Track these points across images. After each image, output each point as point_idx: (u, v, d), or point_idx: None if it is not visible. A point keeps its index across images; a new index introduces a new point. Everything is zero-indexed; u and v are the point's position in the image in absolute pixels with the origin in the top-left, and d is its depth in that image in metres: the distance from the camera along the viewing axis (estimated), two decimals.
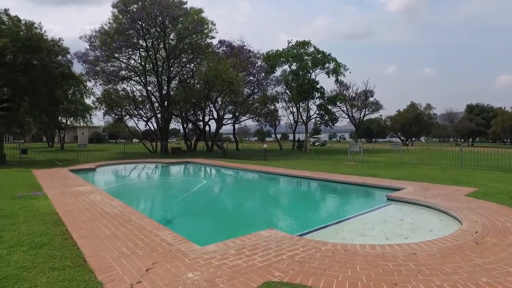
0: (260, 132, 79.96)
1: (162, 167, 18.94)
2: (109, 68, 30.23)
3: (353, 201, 10.05)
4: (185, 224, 7.18)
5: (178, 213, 8.38)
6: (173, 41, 30.27)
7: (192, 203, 9.55)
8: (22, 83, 18.47)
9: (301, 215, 8.17)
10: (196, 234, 6.02)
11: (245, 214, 8.36)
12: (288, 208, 9.20)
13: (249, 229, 5.96)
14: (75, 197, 8.18)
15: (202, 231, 6.59)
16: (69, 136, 66.16)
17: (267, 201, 10.36)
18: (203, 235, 6.19)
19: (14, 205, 7.29)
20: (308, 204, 9.78)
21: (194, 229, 6.73)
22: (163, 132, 30.27)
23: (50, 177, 12.18)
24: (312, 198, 11.00)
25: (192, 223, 7.36)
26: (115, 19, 27.68)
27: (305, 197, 11.22)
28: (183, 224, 7.10)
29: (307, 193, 11.85)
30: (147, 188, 12.86)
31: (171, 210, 8.60)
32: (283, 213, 8.47)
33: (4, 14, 20.35)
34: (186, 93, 29.02)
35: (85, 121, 44.32)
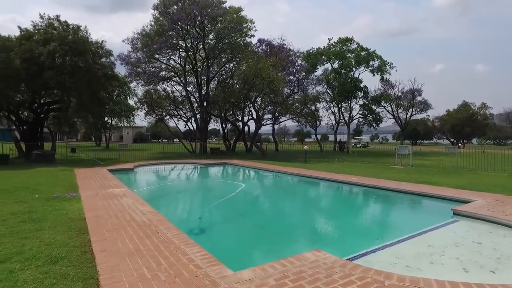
0: (300, 133, 78.49)
1: (199, 169, 18.61)
2: (150, 69, 30.74)
3: (411, 214, 8.65)
4: (218, 237, 6.45)
5: (211, 222, 7.72)
6: (212, 41, 30.15)
7: (228, 211, 8.82)
8: (68, 85, 19.02)
9: (350, 230, 7.12)
10: (229, 252, 5.31)
11: (286, 227, 7.39)
12: (335, 221, 8.08)
13: (292, 248, 5.17)
14: (107, 200, 7.83)
15: (236, 248, 5.81)
16: (115, 135, 69.25)
17: (310, 211, 9.26)
18: (238, 253, 5.46)
19: (47, 207, 7.05)
20: (358, 216, 8.65)
21: (227, 245, 5.98)
22: (202, 133, 30.22)
23: (88, 177, 12.16)
24: (362, 209, 9.73)
25: (225, 236, 6.59)
26: (156, 21, 28.05)
27: (354, 207, 10.02)
28: (215, 238, 6.39)
29: (355, 202, 10.67)
30: (182, 191, 12.37)
31: (204, 218, 7.95)
32: (329, 227, 7.49)
33: (56, 20, 21.20)
34: (225, 93, 28.71)
35: (129, 121, 45.80)
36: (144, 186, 12.82)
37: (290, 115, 36.93)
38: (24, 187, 9.58)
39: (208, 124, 33.06)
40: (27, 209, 6.86)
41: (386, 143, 72.64)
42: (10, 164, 17.96)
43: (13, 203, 7.49)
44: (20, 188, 9.49)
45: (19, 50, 18.17)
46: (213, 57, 29.96)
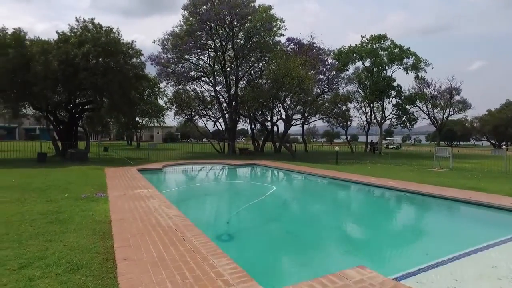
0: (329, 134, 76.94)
1: (228, 169, 18.35)
2: (180, 69, 30.99)
3: (464, 226, 7.63)
4: (247, 246, 6.01)
5: (240, 227, 7.33)
6: (241, 40, 29.94)
7: (258, 215, 8.38)
8: (100, 85, 19.40)
9: (395, 242, 6.41)
10: (260, 265, 4.87)
11: (322, 236, 6.78)
12: (376, 231, 7.27)
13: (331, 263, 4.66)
14: (134, 202, 7.64)
15: (269, 261, 5.34)
16: (146, 135, 70.93)
17: (347, 219, 8.54)
18: (270, 267, 5.02)
19: (75, 208, 6.95)
20: (401, 225, 7.87)
21: (258, 256, 5.51)
22: (231, 132, 30.08)
23: (117, 177, 12.18)
24: (404, 217, 8.82)
25: (256, 245, 6.12)
26: (186, 21, 28.20)
27: (395, 215, 9.16)
28: (245, 246, 5.97)
29: (396, 210, 9.78)
30: (209, 193, 12.04)
31: (232, 223, 7.55)
32: (371, 238, 6.77)
33: (90, 23, 21.74)
34: (254, 93, 28.38)
35: (159, 121, 46.57)
36: (172, 187, 12.65)
37: (320, 115, 36.02)
38: (56, 186, 9.66)
39: (237, 124, 32.88)
40: (55, 209, 6.78)
41: (419, 145, 69.55)
42: (48, 162, 18.56)
43: (44, 202, 7.47)
44: (52, 186, 9.57)
45: (56, 53, 18.72)
46: (242, 56, 29.76)
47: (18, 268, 3.87)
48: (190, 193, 11.77)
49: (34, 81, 18.19)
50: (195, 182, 15.23)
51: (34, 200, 7.67)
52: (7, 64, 17.65)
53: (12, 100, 19.87)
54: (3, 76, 17.71)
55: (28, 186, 9.58)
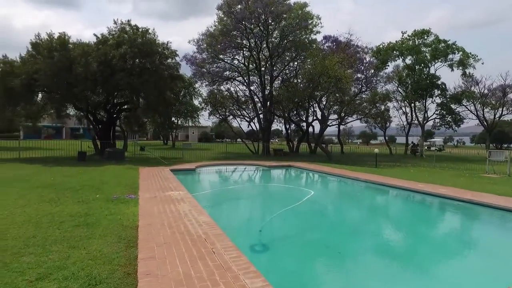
0: (365, 134, 74.33)
1: (262, 171, 17.82)
2: (214, 69, 30.99)
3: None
4: (283, 260, 5.43)
5: (275, 237, 6.75)
6: (276, 39, 29.38)
7: (295, 224, 7.74)
8: (136, 85, 19.67)
9: (470, 265, 5.47)
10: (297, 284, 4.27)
11: (371, 253, 5.91)
12: (434, 250, 6.09)
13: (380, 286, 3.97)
14: (164, 205, 7.32)
15: (306, 280, 4.72)
16: (182, 135, 72.43)
17: (397, 232, 7.54)
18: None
19: (104, 210, 6.73)
20: (465, 243, 6.73)
21: (294, 273, 4.91)
22: (265, 133, 29.61)
23: (150, 177, 12.06)
24: (466, 233, 7.59)
25: (292, 260, 5.48)
26: (220, 21, 28.11)
27: (453, 229, 7.88)
28: (279, 260, 5.39)
29: (455, 224, 8.40)
30: (242, 197, 11.46)
31: (266, 231, 6.98)
32: (427, 258, 5.70)
33: (127, 24, 22.19)
34: (289, 93, 27.69)
35: (194, 121, 47.15)
36: (204, 190, 12.30)
37: (357, 115, 34.58)
38: (90, 186, 9.63)
39: (271, 125, 32.34)
40: (85, 211, 6.60)
41: (463, 147, 65.18)
42: (87, 160, 19.09)
43: (75, 203, 7.36)
44: (86, 186, 9.55)
45: (95, 55, 19.22)
46: (277, 55, 29.20)
47: (36, 280, 3.58)
48: (222, 196, 11.32)
49: (75, 83, 18.78)
50: (228, 184, 14.81)
51: (66, 201, 7.59)
52: (52, 67, 18.34)
53: (57, 101, 20.68)
54: (49, 78, 18.41)
55: (64, 185, 9.63)
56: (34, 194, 8.30)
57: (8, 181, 10.52)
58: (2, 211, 6.65)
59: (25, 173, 12.63)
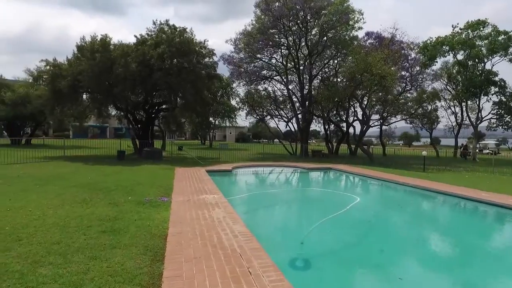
0: (407, 136, 70.69)
1: (301, 173, 16.96)
2: (252, 69, 30.52)
3: None
4: (329, 280, 4.67)
5: (318, 250, 5.95)
6: (315, 36, 28.32)
7: (340, 235, 6.91)
8: (174, 85, 19.64)
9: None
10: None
11: (433, 274, 5.02)
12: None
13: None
14: (197, 210, 6.81)
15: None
16: (219, 135, 73.08)
17: (473, 254, 6.18)
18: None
19: (134, 214, 6.33)
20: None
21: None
22: (304, 133, 28.67)
23: (185, 178, 11.71)
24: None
25: (339, 280, 4.72)
26: (258, 20, 27.56)
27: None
28: (325, 279, 4.63)
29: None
30: (281, 202, 10.69)
31: (308, 243, 6.19)
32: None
33: (165, 25, 22.33)
34: (329, 92, 26.52)
35: (231, 121, 47.16)
36: (240, 193, 11.63)
37: (402, 116, 32.55)
38: (124, 186, 9.40)
39: (310, 125, 31.28)
40: (114, 215, 6.23)
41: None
42: (126, 159, 19.35)
43: (106, 205, 7.06)
44: (120, 187, 9.33)
45: (134, 55, 19.44)
46: (316, 53, 28.11)
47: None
48: (259, 201, 10.58)
49: (115, 83, 19.10)
50: (265, 187, 14.00)
51: (98, 202, 7.32)
52: (94, 68, 18.77)
53: (98, 101, 21.23)
54: (91, 79, 18.87)
55: (99, 185, 9.49)
56: (69, 194, 8.16)
57: (50, 179, 10.63)
58: (36, 211, 6.49)
59: (66, 171, 12.83)
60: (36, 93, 26.27)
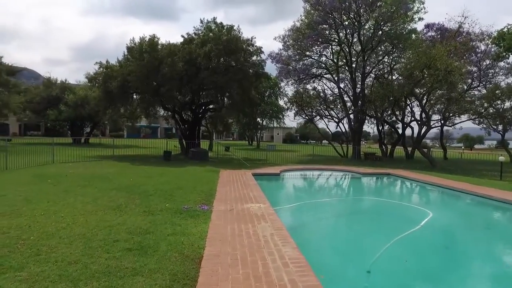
0: (468, 138, 64.55)
1: (356, 179, 15.33)
2: (301, 67, 29.18)
3: None
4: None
5: (391, 284, 4.68)
6: (369, 31, 26.30)
7: (417, 262, 5.50)
8: (220, 84, 19.07)
9: None
10: None
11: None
12: None
13: None
14: (240, 224, 5.84)
15: None
16: (267, 135, 72.49)
17: None
18: None
19: (167, 228, 5.52)
20: None
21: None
22: (356, 135, 26.76)
23: (230, 183, 10.87)
24: None
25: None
26: (307, 14, 26.21)
27: None
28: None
29: None
30: (337, 215, 9.07)
31: (377, 272, 4.92)
32: None
33: (212, 23, 21.95)
34: (385, 90, 24.37)
35: (278, 122, 46.16)
36: (289, 202, 10.37)
37: (469, 115, 29.15)
38: (163, 191, 8.75)
39: (363, 125, 29.18)
40: (146, 227, 5.47)
41: None
42: (172, 160, 19.17)
43: (140, 214, 6.36)
44: (159, 191, 8.69)
45: (181, 54, 19.21)
46: (370, 48, 26.07)
47: None
48: (312, 213, 9.07)
49: (162, 83, 18.99)
50: (317, 195, 12.40)
51: (132, 209, 6.67)
52: (142, 68, 18.84)
53: (146, 101, 21.38)
54: (139, 79, 18.96)
55: (138, 189, 8.96)
56: (106, 198, 7.67)
57: (93, 180, 10.40)
58: (68, 217, 5.98)
59: (111, 172, 12.67)
60: (93, 94, 27.45)
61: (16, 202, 7.13)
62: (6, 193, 8.05)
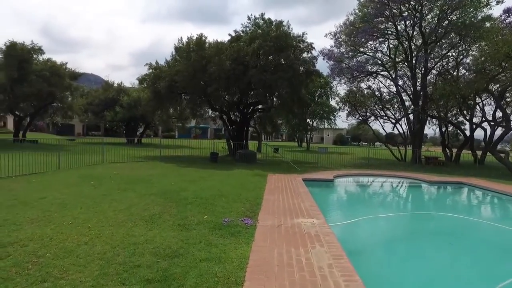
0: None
1: (424, 189, 13.35)
2: (354, 64, 27.18)
3: None
4: None
5: None
6: (432, 21, 23.66)
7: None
8: (269, 82, 18.07)
9: None
10: None
11: None
12: None
13: None
14: (289, 247, 4.71)
15: None
16: (316, 137, 70.25)
17: None
18: None
19: (201, 249, 4.55)
20: None
21: None
22: (416, 137, 24.22)
23: (278, 190, 9.76)
24: None
25: None
26: (361, 7, 24.27)
27: None
28: None
29: None
30: (413, 236, 7.24)
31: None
32: None
33: (260, 19, 21.06)
34: (452, 87, 21.63)
35: (330, 123, 44.13)
36: (347, 217, 8.67)
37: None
38: (204, 199, 7.88)
39: (424, 126, 26.39)
40: (176, 247, 4.56)
41: None
42: (219, 162, 18.57)
43: (174, 228, 5.48)
44: (199, 199, 7.83)
45: (228, 52, 18.54)
46: (434, 41, 23.42)
47: None
48: (378, 233, 7.41)
49: (209, 82, 18.48)
50: (381, 208, 10.44)
51: (166, 221, 5.84)
52: (189, 68, 18.49)
53: (192, 101, 21.08)
54: (186, 79, 18.64)
55: (177, 195, 8.20)
56: (141, 205, 6.98)
57: (135, 183, 9.94)
58: (94, 228, 5.31)
59: (155, 174, 12.24)
60: (145, 96, 28.08)
61: (51, 207, 6.71)
62: (46, 196, 7.76)
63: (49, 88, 25.28)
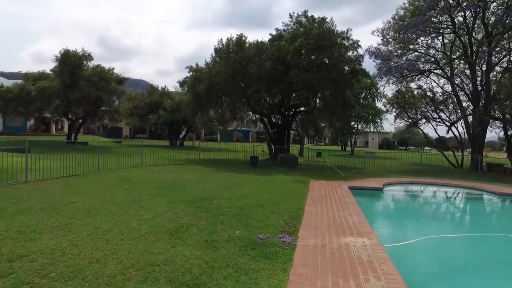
0: None
1: (494, 202, 11.49)
2: (404, 62, 25.13)
3: None
4: None
5: None
6: (499, 9, 21.11)
7: None
8: (312, 83, 17.01)
9: None
10: None
11: None
12: None
13: None
14: (336, 279, 3.74)
15: None
16: (361, 140, 67.36)
17: None
18: None
19: (227, 276, 3.74)
20: None
21: None
22: (476, 141, 21.75)
23: (321, 199, 8.74)
24: None
25: None
26: (412, 0, 22.33)
27: None
28: None
29: None
30: (491, 267, 5.51)
31: None
32: None
33: (303, 16, 20.08)
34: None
35: (375, 126, 41.79)
36: (405, 236, 7.20)
37: None
38: (239, 209, 7.09)
39: (486, 130, 23.66)
40: (198, 272, 3.78)
41: None
42: (259, 166, 17.90)
43: (199, 245, 4.73)
44: (232, 209, 7.05)
45: (269, 52, 17.78)
46: (500, 33, 20.87)
47: None
48: (447, 258, 5.91)
49: (249, 83, 17.85)
50: (447, 225, 8.79)
51: (193, 236, 5.12)
52: (228, 69, 18.02)
53: (232, 103, 20.59)
54: (226, 81, 18.18)
55: (210, 203, 7.50)
56: (169, 215, 6.35)
57: (168, 188, 9.47)
58: (111, 242, 4.72)
59: (190, 178, 11.74)
60: (186, 98, 28.23)
61: (76, 213, 6.32)
62: (77, 200, 7.46)
63: (97, 92, 26.21)
